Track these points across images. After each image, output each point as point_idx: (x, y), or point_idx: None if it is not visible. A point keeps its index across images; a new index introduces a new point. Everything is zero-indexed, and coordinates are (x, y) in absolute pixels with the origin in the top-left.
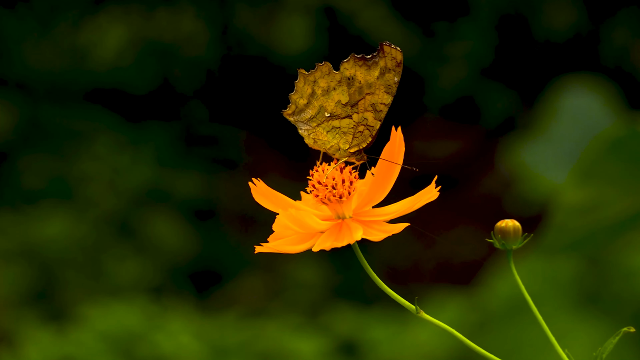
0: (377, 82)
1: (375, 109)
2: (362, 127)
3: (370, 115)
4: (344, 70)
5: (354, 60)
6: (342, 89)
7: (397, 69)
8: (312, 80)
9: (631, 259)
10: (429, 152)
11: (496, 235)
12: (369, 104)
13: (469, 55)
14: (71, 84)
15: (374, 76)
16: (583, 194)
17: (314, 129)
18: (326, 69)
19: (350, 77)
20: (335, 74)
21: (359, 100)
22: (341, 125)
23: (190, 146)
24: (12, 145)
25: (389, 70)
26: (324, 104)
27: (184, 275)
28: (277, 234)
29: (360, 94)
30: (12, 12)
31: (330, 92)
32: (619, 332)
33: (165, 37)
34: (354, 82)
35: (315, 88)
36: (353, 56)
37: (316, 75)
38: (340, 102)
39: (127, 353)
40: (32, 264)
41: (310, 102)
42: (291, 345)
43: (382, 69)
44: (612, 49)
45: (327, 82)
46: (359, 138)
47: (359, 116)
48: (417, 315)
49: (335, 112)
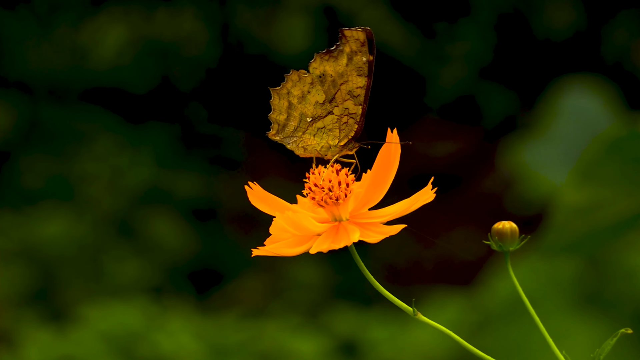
0: (347, 69)
1: (353, 95)
2: (345, 118)
3: (349, 103)
4: (313, 71)
5: (319, 57)
6: (317, 89)
7: (362, 49)
8: (285, 93)
9: (631, 259)
10: (429, 152)
11: (493, 237)
12: (346, 92)
13: (469, 55)
14: (71, 83)
15: (342, 64)
16: (583, 194)
17: (300, 138)
18: (295, 76)
19: (321, 74)
20: (305, 78)
21: (335, 93)
22: (325, 124)
23: (190, 146)
24: (12, 145)
25: (355, 53)
26: (303, 111)
27: (183, 275)
28: (275, 236)
29: (335, 87)
30: (12, 12)
31: (306, 96)
32: (617, 334)
33: (165, 36)
34: (325, 78)
35: (290, 99)
36: (318, 54)
37: (288, 86)
38: (318, 102)
39: (127, 353)
40: (32, 264)
41: (290, 115)
42: (291, 345)
43: (348, 54)
44: (612, 49)
45: (299, 88)
46: (346, 129)
47: (339, 109)
48: (414, 317)
49: (316, 114)
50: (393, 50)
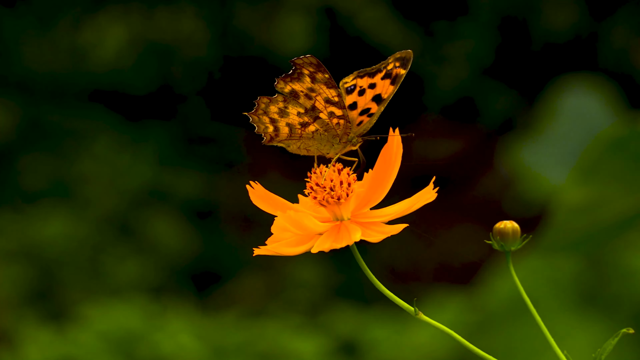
0: (315, 85)
1: (332, 101)
2: (335, 120)
3: (333, 108)
4: (280, 90)
5: (282, 81)
6: (293, 104)
7: (320, 69)
8: (262, 113)
9: (631, 259)
10: (429, 152)
11: (495, 237)
12: (323, 100)
13: (469, 55)
14: (71, 83)
15: (308, 82)
16: (583, 193)
17: (299, 142)
18: (265, 99)
19: (290, 91)
20: (276, 97)
21: (314, 102)
22: (318, 127)
23: (191, 146)
24: (12, 145)
25: (316, 73)
26: (289, 122)
27: (184, 275)
28: (276, 236)
29: (311, 98)
30: (12, 11)
31: (285, 111)
32: (618, 333)
33: (165, 37)
34: (297, 93)
35: (271, 115)
36: (278, 78)
37: (262, 108)
38: (300, 112)
39: (127, 353)
40: (32, 264)
41: (278, 127)
42: (291, 345)
43: (309, 75)
44: (612, 49)
45: (275, 107)
46: (342, 127)
47: (324, 113)
48: (415, 317)
49: (304, 121)
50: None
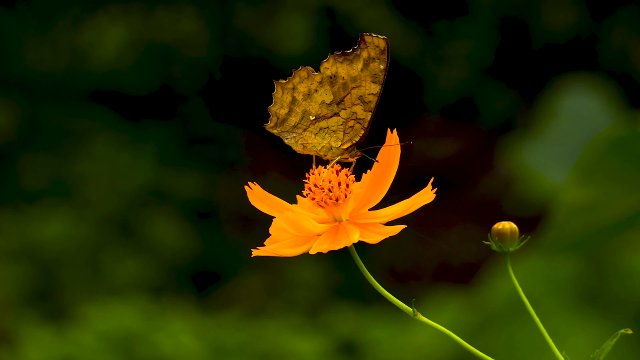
0: (361, 74)
1: (364, 100)
2: (352, 122)
3: (359, 108)
4: (324, 70)
5: (333, 59)
6: (325, 89)
7: (381, 57)
8: (290, 88)
9: (631, 259)
10: (429, 152)
11: (493, 238)
12: (356, 97)
13: (468, 55)
14: (71, 83)
15: (357, 69)
16: (583, 194)
17: (300, 135)
18: (304, 73)
19: (332, 75)
20: (315, 76)
21: (345, 96)
22: (329, 125)
23: (191, 146)
24: (12, 145)
25: (373, 60)
26: (307, 108)
27: (184, 275)
28: (274, 237)
29: (346, 90)
30: (12, 11)
31: (312, 95)
32: (616, 334)
33: (165, 37)
34: (336, 80)
35: (295, 95)
36: (333, 54)
37: (294, 82)
38: (325, 102)
39: (127, 353)
40: (32, 264)
41: (292, 110)
42: (291, 345)
43: (365, 60)
44: (612, 49)
45: (307, 86)
46: (351, 133)
47: (347, 112)
48: (414, 317)
49: (321, 113)
50: (393, 50)
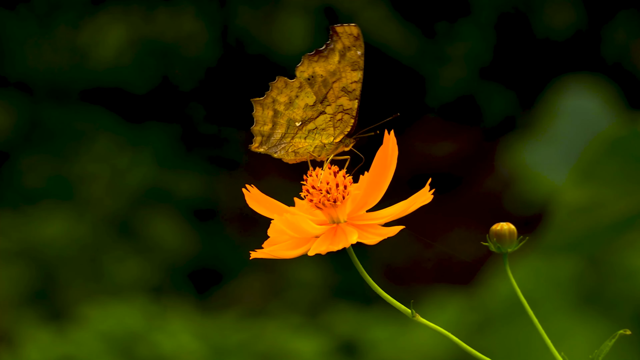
0: (339, 65)
1: (347, 90)
2: (340, 115)
3: (344, 100)
4: (300, 74)
5: (307, 60)
6: (306, 92)
7: (357, 43)
8: (270, 102)
9: (631, 259)
10: (429, 152)
11: (491, 239)
12: (339, 90)
13: (468, 55)
14: (71, 83)
15: (334, 62)
16: (583, 193)
17: (290, 143)
18: (281, 83)
19: (310, 76)
20: (292, 83)
21: (327, 92)
22: (317, 125)
23: (191, 146)
24: (12, 145)
25: (348, 49)
26: (291, 116)
27: (183, 275)
28: (273, 239)
29: (327, 86)
30: (12, 12)
31: (294, 102)
32: (615, 335)
33: (165, 36)
34: (315, 79)
35: (276, 107)
36: (305, 56)
37: (273, 95)
38: (308, 104)
39: (127, 353)
40: (32, 264)
41: (276, 123)
42: (291, 345)
43: (340, 51)
44: (612, 49)
45: (286, 95)
46: (341, 126)
47: (332, 107)
48: (412, 318)
49: (306, 117)
50: (393, 50)
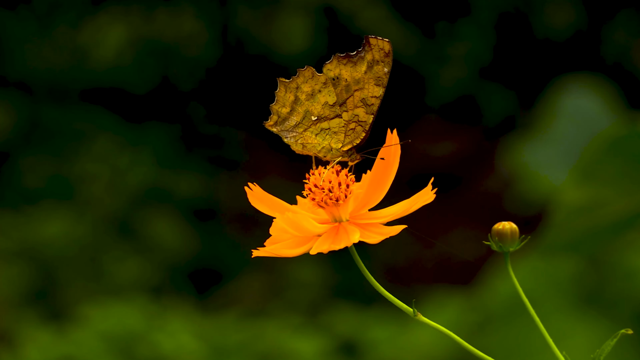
0: (365, 76)
1: (366, 103)
2: (353, 124)
3: (361, 110)
4: (327, 72)
5: (337, 60)
6: (328, 90)
7: (386, 60)
8: (294, 87)
9: (631, 259)
10: (429, 152)
11: (493, 238)
12: (359, 99)
13: (468, 55)
14: (71, 83)
15: (361, 71)
16: (583, 193)
17: (301, 135)
18: (309, 73)
19: (335, 76)
20: (319, 77)
21: (348, 98)
22: (331, 126)
23: (191, 146)
24: (12, 145)
25: (377, 63)
26: (310, 108)
27: (183, 275)
28: (275, 237)
29: (348, 92)
30: (13, 13)
31: (315, 95)
32: (616, 334)
33: (165, 36)
34: (339, 82)
35: (298, 94)
36: (336, 56)
37: (298, 81)
38: (328, 103)
39: (127, 353)
40: (32, 264)
41: (294, 109)
42: (291, 345)
43: (369, 62)
44: (612, 49)
45: (310, 86)
46: (352, 135)
47: (349, 114)
48: (414, 317)
49: (323, 114)
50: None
